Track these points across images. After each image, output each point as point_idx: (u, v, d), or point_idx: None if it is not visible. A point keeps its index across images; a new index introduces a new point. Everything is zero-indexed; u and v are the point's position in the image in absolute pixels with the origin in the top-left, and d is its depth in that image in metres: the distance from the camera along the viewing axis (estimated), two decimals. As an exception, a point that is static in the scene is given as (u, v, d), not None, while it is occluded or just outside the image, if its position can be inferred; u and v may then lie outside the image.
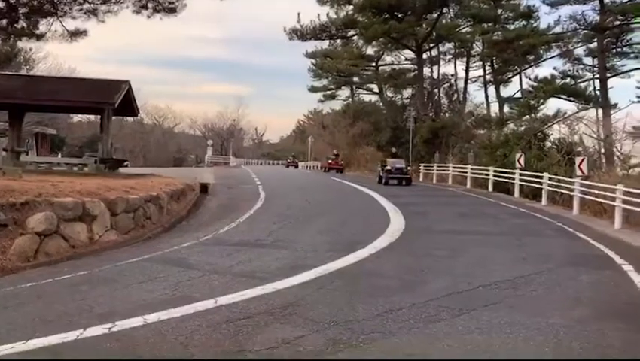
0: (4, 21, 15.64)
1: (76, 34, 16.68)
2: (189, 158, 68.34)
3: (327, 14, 39.98)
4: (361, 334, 5.18)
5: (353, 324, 5.47)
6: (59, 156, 35.63)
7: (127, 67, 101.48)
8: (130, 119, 52.24)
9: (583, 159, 15.99)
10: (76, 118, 50.97)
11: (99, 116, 23.72)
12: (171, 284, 7.12)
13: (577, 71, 36.17)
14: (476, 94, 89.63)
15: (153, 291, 6.79)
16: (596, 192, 14.70)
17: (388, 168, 25.30)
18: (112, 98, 19.18)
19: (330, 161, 41.75)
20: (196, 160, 60.61)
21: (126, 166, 33.74)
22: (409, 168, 26.47)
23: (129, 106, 21.34)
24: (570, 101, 35.88)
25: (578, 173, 15.62)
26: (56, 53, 70.41)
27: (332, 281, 7.32)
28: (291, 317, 5.69)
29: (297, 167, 53.24)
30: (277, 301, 6.25)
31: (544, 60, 38.23)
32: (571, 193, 15.90)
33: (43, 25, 16.72)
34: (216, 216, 14.56)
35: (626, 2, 31.49)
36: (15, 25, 16.97)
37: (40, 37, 17.17)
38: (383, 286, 7.16)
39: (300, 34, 40.93)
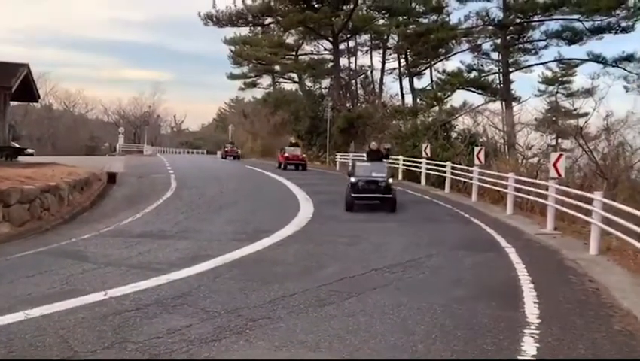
0: None
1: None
2: (102, 146, 65.30)
3: (244, 1, 39.47)
4: (249, 320, 5.30)
5: (243, 311, 5.59)
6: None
7: (37, 48, 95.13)
8: (37, 104, 49.24)
9: (481, 149, 17.01)
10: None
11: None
12: (62, 278, 6.91)
13: (481, 65, 38.26)
14: (392, 85, 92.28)
15: (41, 285, 6.56)
16: (492, 180, 15.71)
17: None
18: (8, 83, 18.05)
19: (286, 154, 28.61)
20: (110, 149, 58.07)
21: (31, 155, 31.80)
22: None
23: (29, 91, 20.17)
24: (478, 93, 37.90)
25: (476, 162, 16.60)
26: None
27: (230, 270, 7.39)
28: (181, 307, 5.71)
29: (238, 158, 39.93)
30: (170, 291, 6.24)
31: (455, 54, 40.06)
32: (471, 181, 16.87)
33: None
34: (121, 207, 14.15)
35: (526, 1, 33.55)
36: None
37: None
38: (280, 273, 7.32)
39: (216, 19, 40.12)
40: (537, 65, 41.03)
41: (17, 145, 24.60)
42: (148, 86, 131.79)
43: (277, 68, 51.56)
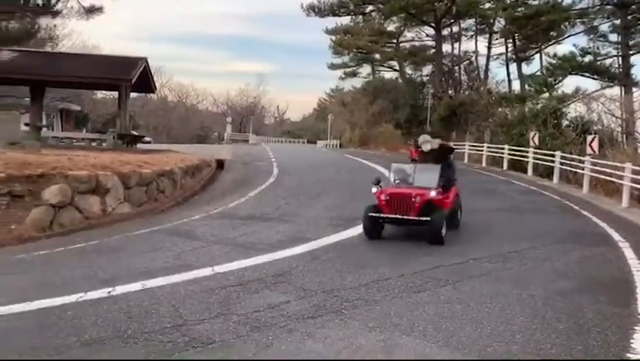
0: (21, -2, 16.15)
1: (92, 10, 17.05)
2: (212, 135, 68.85)
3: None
4: (344, 301, 5.45)
5: (339, 292, 5.74)
6: (84, 131, 36.38)
7: (155, 44, 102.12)
8: (154, 96, 53.02)
9: (594, 138, 15.84)
10: (100, 95, 51.71)
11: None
12: (174, 254, 7.48)
13: (597, 48, 35.35)
14: (498, 71, 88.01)
15: (156, 259, 7.16)
16: (606, 170, 14.61)
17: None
18: (129, 75, 19.58)
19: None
20: (219, 137, 61.08)
21: (148, 142, 34.29)
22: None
23: (146, 83, 21.75)
24: (593, 78, 35.18)
25: (589, 151, 15.50)
26: (80, 30, 71.46)
27: (326, 253, 7.59)
28: (281, 284, 5.99)
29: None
30: (270, 270, 6.55)
31: (568, 37, 37.39)
32: (582, 172, 15.81)
33: (60, 3, 17.13)
34: (228, 191, 14.93)
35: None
36: (31, 1, 17.44)
37: (56, 14, 17.59)
38: (375, 258, 7.39)
39: (318, 10, 40.67)
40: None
41: (137, 133, 26.65)
42: (254, 77, 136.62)
43: (377, 56, 51.29)
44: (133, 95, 25.55)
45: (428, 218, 8.34)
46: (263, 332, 4.57)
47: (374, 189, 8.94)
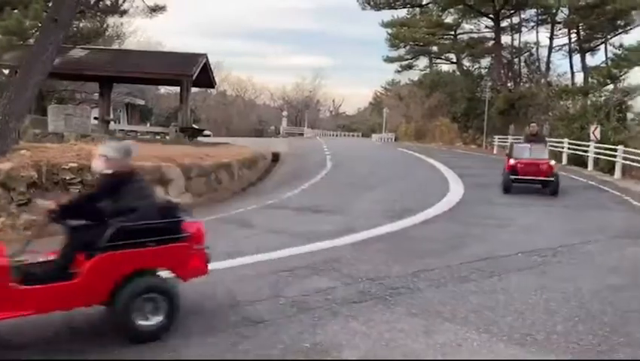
0: (92, -1, 17.20)
1: (155, 9, 17.95)
2: (269, 129, 70.12)
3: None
4: (389, 288, 5.66)
5: (385, 280, 5.96)
6: (148, 125, 38.04)
7: (213, 39, 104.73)
8: (214, 91, 54.63)
9: (659, 132, 15.24)
10: (163, 90, 53.73)
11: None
12: (230, 241, 7.89)
13: (669, 37, 33.44)
14: (560, 63, 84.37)
15: (214, 246, 7.40)
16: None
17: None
18: (190, 71, 20.39)
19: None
20: (275, 131, 62.15)
21: (209, 136, 35.39)
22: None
23: (206, 78, 22.57)
24: (665, 69, 33.38)
25: (653, 146, 14.93)
26: (144, 27, 74.36)
27: (375, 243, 7.81)
28: (329, 271, 6.27)
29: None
30: (320, 258, 6.84)
31: (636, 26, 35.53)
32: (646, 167, 15.23)
33: (127, 2, 18.12)
34: (282, 183, 15.36)
35: None
36: (101, 2, 18.51)
37: (123, 13, 18.61)
38: (423, 249, 7.54)
39: (374, 3, 40.55)
40: None
41: (197, 127, 27.65)
42: (310, 71, 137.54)
43: (434, 48, 50.45)
44: (194, 90, 26.47)
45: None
46: (309, 313, 4.86)
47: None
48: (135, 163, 11.04)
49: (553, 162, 13.26)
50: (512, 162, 13.17)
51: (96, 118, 22.01)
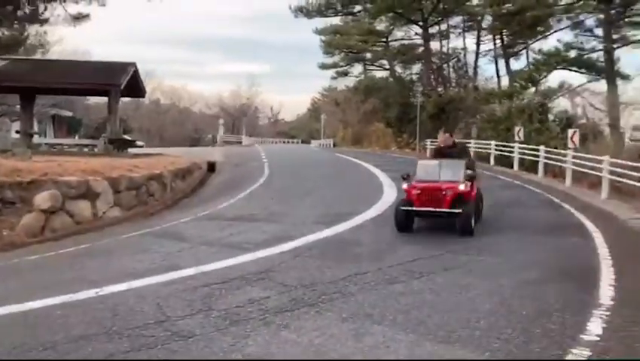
0: (10, 7, 16.35)
1: (78, 18, 17.33)
2: (206, 137, 69.04)
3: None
4: (322, 294, 5.71)
5: (318, 286, 6.01)
6: (76, 137, 36.56)
7: (145, 46, 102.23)
8: (146, 99, 53.22)
9: (575, 132, 16.20)
10: (92, 100, 51.82)
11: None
12: (161, 255, 7.73)
13: (581, 43, 35.69)
14: (487, 68, 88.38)
15: (143, 261, 7.41)
16: (587, 163, 14.96)
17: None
18: (118, 80, 19.81)
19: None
20: (213, 140, 61.25)
21: (141, 146, 34.44)
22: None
23: (136, 87, 21.98)
24: (580, 73, 35.59)
25: (570, 145, 15.86)
26: (71, 36, 71.51)
27: (309, 250, 7.85)
28: (262, 281, 6.25)
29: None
30: (253, 268, 6.81)
31: (555, 32, 37.77)
32: (565, 165, 16.16)
33: (47, 11, 17.38)
34: (218, 193, 15.20)
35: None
36: (19, 10, 17.70)
37: (44, 21, 17.86)
38: (356, 253, 7.67)
39: (306, 11, 41.00)
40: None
41: (128, 137, 26.84)
42: (246, 78, 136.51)
43: (368, 55, 51.63)
44: (125, 99, 25.75)
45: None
46: (241, 325, 4.83)
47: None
48: (58, 178, 10.65)
49: (463, 186, 8.90)
50: (405, 186, 9.34)
51: (18, 132, 20.93)
